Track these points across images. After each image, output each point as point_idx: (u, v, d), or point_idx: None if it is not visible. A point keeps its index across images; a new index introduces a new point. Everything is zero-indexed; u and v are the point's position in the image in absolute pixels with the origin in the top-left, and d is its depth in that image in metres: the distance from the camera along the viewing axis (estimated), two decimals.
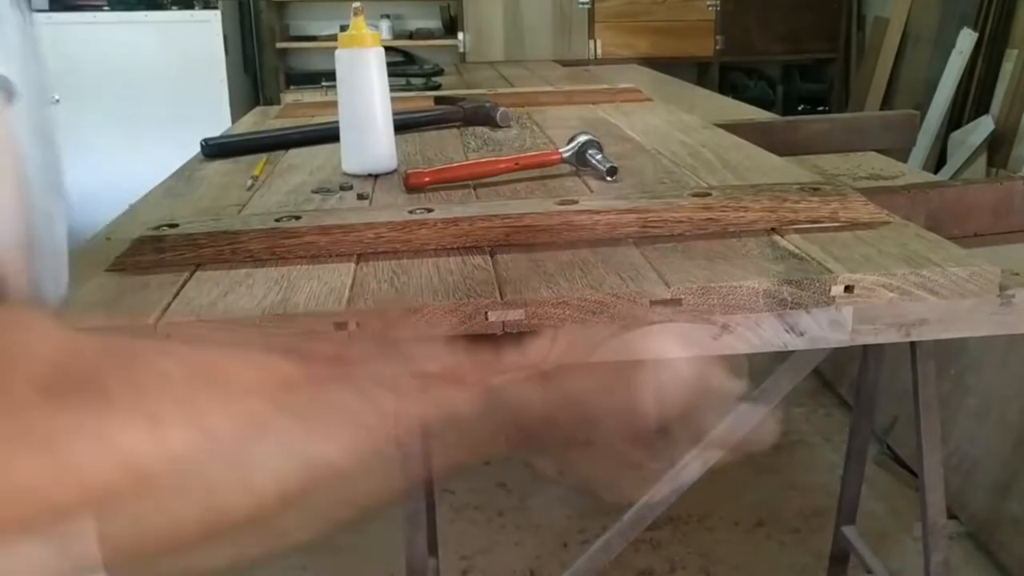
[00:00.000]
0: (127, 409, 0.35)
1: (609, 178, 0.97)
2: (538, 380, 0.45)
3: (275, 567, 2.02)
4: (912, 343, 1.33)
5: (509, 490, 2.29)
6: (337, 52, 1.04)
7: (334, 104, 1.08)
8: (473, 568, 2.00)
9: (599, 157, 1.00)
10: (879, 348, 1.60)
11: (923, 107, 3.40)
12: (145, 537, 0.38)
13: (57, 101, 3.45)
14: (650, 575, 1.96)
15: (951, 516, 1.99)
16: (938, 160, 3.34)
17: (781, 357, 1.27)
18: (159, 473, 0.35)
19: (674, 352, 0.48)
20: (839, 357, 2.43)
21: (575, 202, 0.81)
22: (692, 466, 1.36)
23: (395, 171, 1.07)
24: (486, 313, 0.61)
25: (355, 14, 1.02)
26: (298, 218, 0.81)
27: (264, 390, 0.38)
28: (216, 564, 0.41)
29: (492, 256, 0.70)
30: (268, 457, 0.39)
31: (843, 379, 2.67)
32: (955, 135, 3.27)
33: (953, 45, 3.34)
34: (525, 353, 0.50)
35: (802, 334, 0.81)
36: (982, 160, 3.14)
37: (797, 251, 0.69)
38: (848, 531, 1.74)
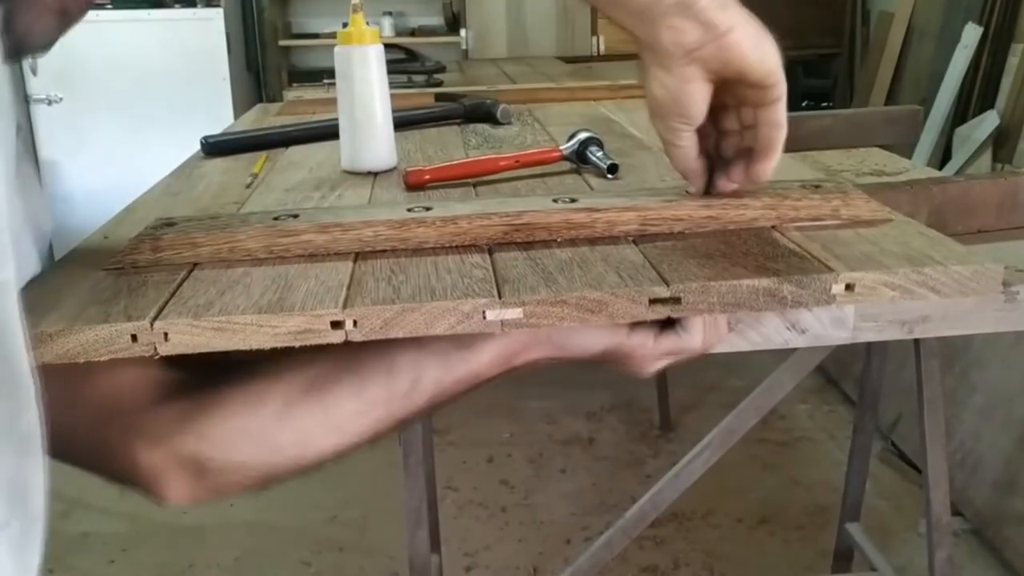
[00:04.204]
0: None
1: (610, 175, 0.97)
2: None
3: (280, 564, 2.03)
4: (916, 340, 1.33)
5: (512, 487, 2.29)
6: (336, 49, 1.03)
7: (336, 100, 1.07)
8: (477, 564, 2.00)
9: (600, 154, 1.00)
10: (882, 345, 1.59)
11: (928, 102, 3.38)
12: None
13: (60, 99, 3.46)
14: (653, 572, 1.96)
15: (956, 513, 1.98)
16: (943, 155, 3.33)
17: (784, 354, 1.26)
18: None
19: None
20: (843, 354, 2.43)
21: (574, 200, 0.81)
22: (695, 463, 1.36)
23: (395, 169, 1.07)
24: (484, 312, 0.61)
25: (354, 10, 1.01)
26: (296, 216, 0.80)
27: None
28: None
29: (491, 254, 0.70)
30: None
31: (847, 376, 2.67)
32: (960, 130, 3.26)
33: (958, 40, 3.32)
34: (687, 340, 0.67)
35: (804, 332, 0.80)
36: (987, 155, 3.13)
37: (798, 249, 0.68)
38: (852, 528, 1.73)
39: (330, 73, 1.10)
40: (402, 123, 1.27)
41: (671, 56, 0.66)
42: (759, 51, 0.66)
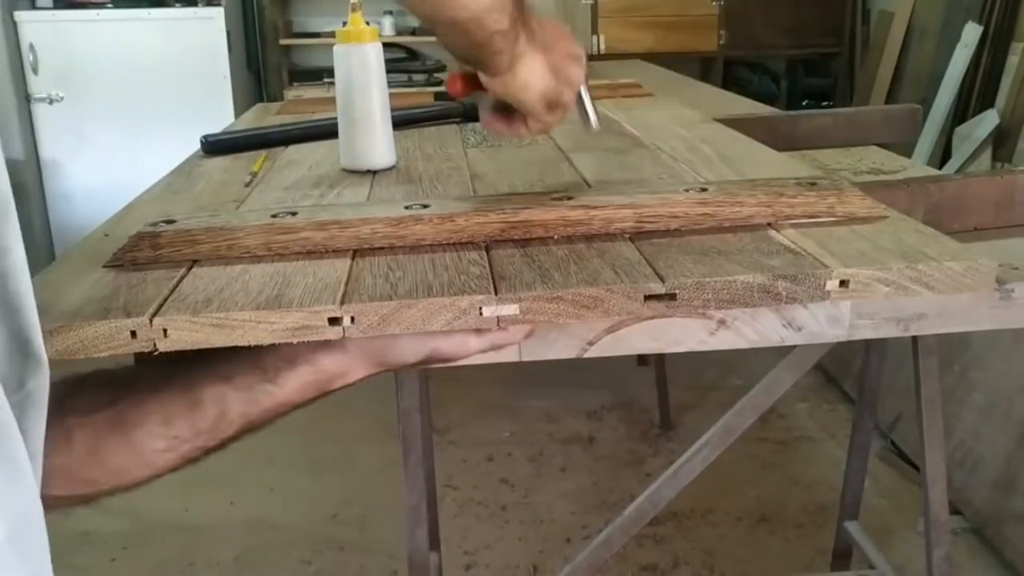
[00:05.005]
0: None
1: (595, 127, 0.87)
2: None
3: (280, 563, 2.03)
4: (914, 338, 1.33)
5: (512, 486, 2.29)
6: (335, 48, 1.04)
7: (335, 99, 1.08)
8: (476, 563, 2.00)
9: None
10: (881, 343, 1.60)
11: (928, 101, 3.38)
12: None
13: (61, 99, 3.46)
14: (653, 570, 1.96)
15: (955, 512, 1.98)
16: (943, 154, 3.33)
17: (783, 352, 1.27)
18: None
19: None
20: (843, 352, 2.43)
21: (571, 198, 0.81)
22: (694, 461, 1.36)
23: (393, 167, 1.07)
24: (480, 308, 0.61)
25: (352, 9, 1.02)
26: (294, 214, 0.81)
27: None
28: None
29: (487, 251, 0.70)
30: None
31: (847, 374, 2.67)
32: (960, 129, 3.26)
33: (958, 39, 3.32)
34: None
35: (800, 329, 0.80)
36: (987, 154, 3.13)
37: (792, 246, 0.69)
38: (851, 526, 1.74)
39: (330, 72, 1.10)
40: (401, 122, 1.27)
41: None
42: None
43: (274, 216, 0.81)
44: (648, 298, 0.62)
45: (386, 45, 1.08)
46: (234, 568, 2.02)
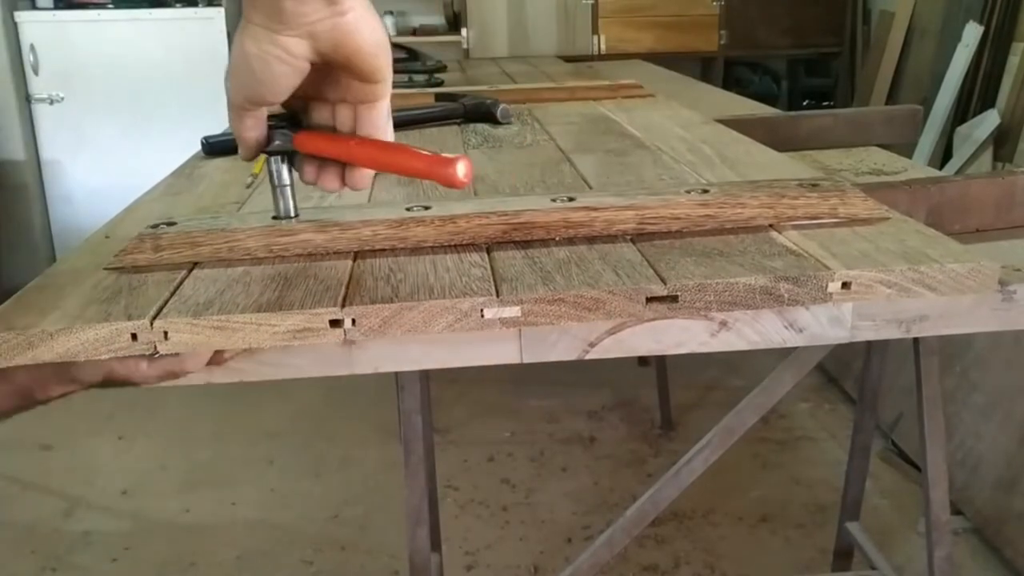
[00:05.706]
0: None
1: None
2: None
3: (281, 563, 2.03)
4: (915, 339, 1.33)
5: (513, 486, 2.30)
6: None
7: None
8: (478, 563, 2.00)
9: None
10: (883, 343, 1.60)
11: (929, 101, 3.38)
12: None
13: (61, 99, 3.46)
14: (654, 571, 1.96)
15: (956, 512, 1.98)
16: (944, 154, 3.33)
17: (784, 353, 1.26)
18: None
19: None
20: (844, 353, 2.43)
21: (572, 199, 0.81)
22: (695, 462, 1.36)
23: None
24: (482, 310, 0.61)
25: None
26: (296, 216, 0.81)
27: None
28: None
29: (489, 253, 0.70)
30: None
31: (848, 375, 2.67)
32: (961, 129, 3.26)
33: (959, 39, 3.32)
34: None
35: (801, 331, 0.80)
36: (988, 154, 3.13)
37: (794, 247, 0.68)
38: (852, 527, 1.74)
39: None
40: (403, 123, 1.27)
41: (285, 23, 0.58)
42: (375, 42, 0.61)
43: (275, 218, 0.80)
44: (650, 300, 0.62)
45: None
46: (235, 568, 2.02)
